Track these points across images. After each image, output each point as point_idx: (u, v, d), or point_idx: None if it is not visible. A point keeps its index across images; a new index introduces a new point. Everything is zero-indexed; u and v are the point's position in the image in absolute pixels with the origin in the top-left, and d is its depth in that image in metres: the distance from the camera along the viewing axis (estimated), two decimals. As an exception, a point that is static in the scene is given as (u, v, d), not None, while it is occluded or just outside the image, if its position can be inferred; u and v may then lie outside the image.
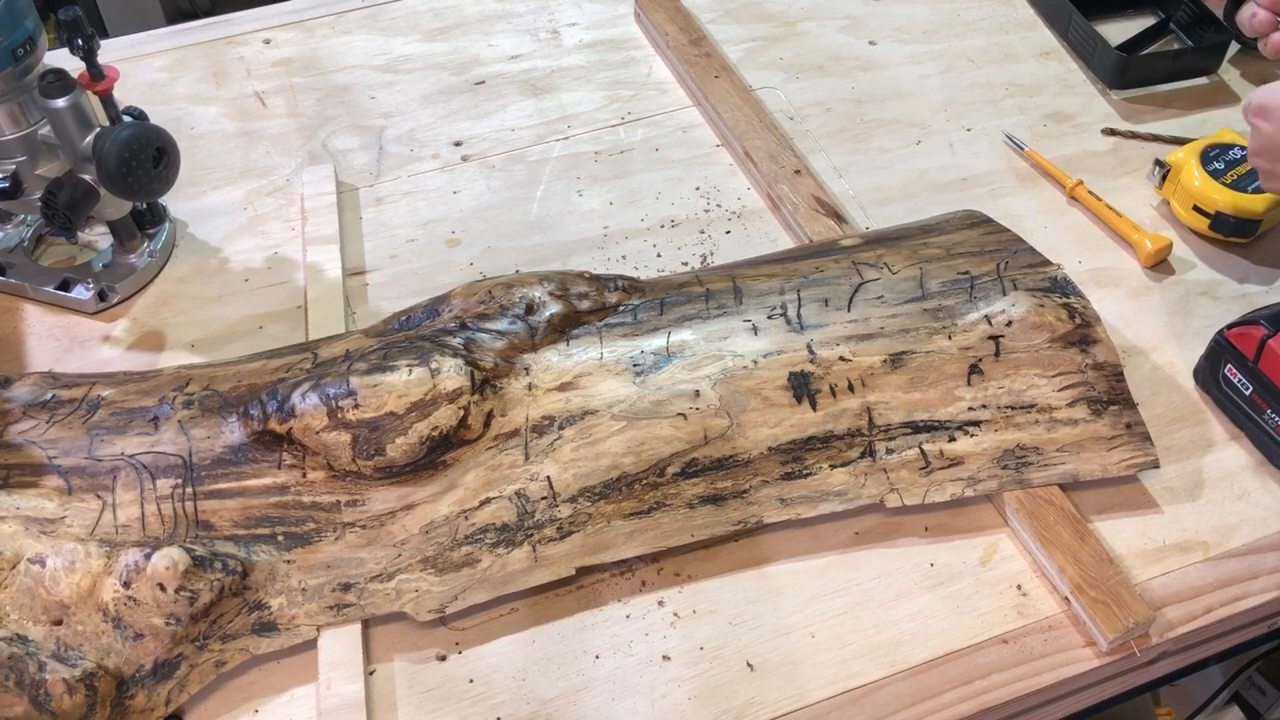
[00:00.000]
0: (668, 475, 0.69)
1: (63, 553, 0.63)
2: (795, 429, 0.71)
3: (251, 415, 0.69)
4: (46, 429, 0.70)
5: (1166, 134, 1.00)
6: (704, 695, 0.65)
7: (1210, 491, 0.74)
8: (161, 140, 0.80)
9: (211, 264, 0.90)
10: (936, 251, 0.81)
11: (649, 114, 1.03)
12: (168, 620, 0.62)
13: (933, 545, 0.71)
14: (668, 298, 0.78)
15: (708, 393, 0.71)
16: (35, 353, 0.83)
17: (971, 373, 0.73)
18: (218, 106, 1.04)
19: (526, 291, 0.76)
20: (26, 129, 0.80)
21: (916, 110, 1.03)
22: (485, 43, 1.11)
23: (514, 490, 0.68)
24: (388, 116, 1.03)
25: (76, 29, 0.76)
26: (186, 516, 0.67)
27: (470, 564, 0.66)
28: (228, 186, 0.97)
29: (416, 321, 0.76)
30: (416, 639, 0.67)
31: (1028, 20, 1.14)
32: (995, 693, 0.65)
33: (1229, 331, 0.76)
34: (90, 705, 0.59)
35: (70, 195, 0.79)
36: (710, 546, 0.71)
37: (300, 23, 1.13)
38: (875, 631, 0.67)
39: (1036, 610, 0.68)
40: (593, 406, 0.71)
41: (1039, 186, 0.97)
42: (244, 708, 0.64)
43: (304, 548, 0.67)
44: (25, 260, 0.88)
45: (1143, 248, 0.89)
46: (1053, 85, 1.06)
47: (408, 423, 0.67)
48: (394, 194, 0.96)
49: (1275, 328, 0.73)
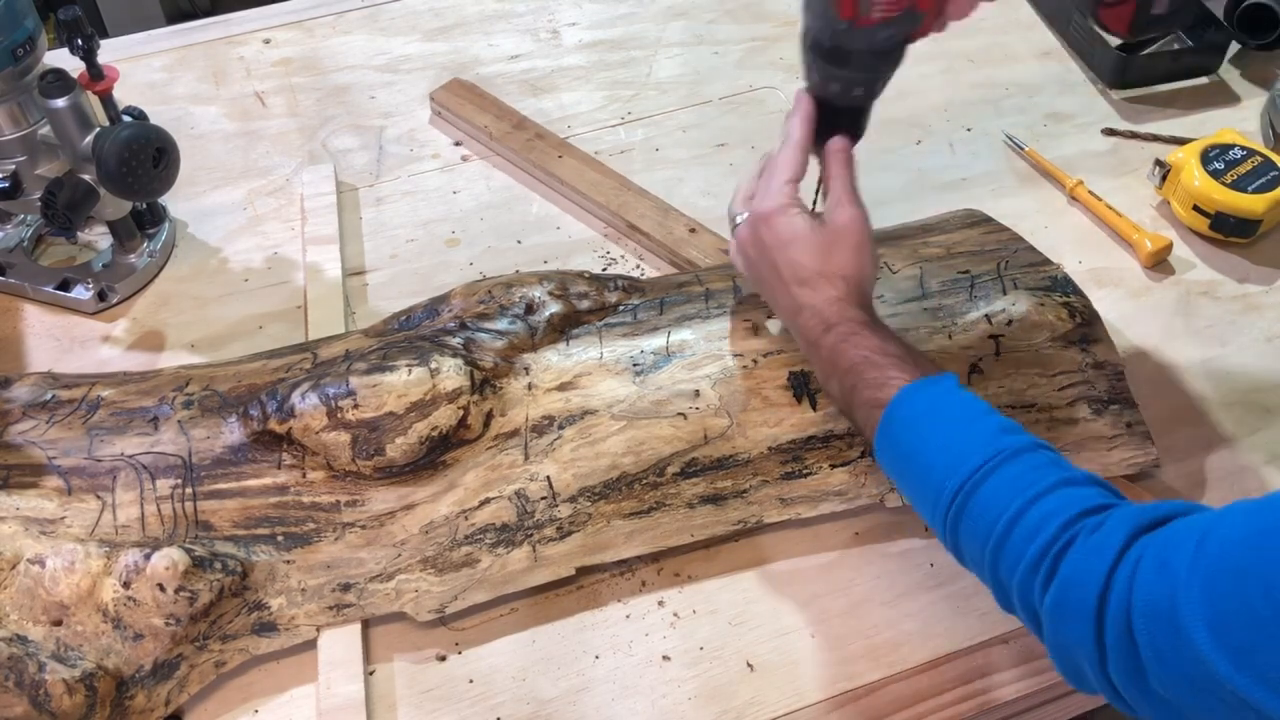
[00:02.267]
0: (668, 475, 0.69)
1: (62, 553, 0.63)
2: (795, 428, 0.71)
3: (251, 415, 0.69)
4: (46, 429, 0.70)
5: (1166, 134, 1.00)
6: (704, 695, 0.65)
7: (1210, 491, 0.74)
8: (161, 140, 0.80)
9: (211, 264, 0.90)
10: (937, 251, 0.80)
11: (649, 114, 1.03)
12: (167, 620, 0.62)
13: (933, 545, 0.71)
14: (668, 297, 0.78)
15: (708, 392, 0.71)
16: (35, 353, 0.83)
17: (972, 372, 0.73)
18: (218, 106, 1.04)
19: (526, 291, 0.76)
20: (26, 129, 0.80)
21: (916, 110, 1.03)
22: (485, 43, 1.11)
23: (514, 490, 0.68)
24: (388, 116, 1.03)
25: (76, 29, 0.76)
26: (186, 517, 0.67)
27: (470, 564, 0.66)
28: (228, 186, 0.97)
29: (416, 321, 0.76)
30: (416, 639, 0.67)
31: (1028, 20, 1.14)
32: (995, 693, 0.65)
33: None
34: (90, 705, 0.59)
35: (70, 195, 0.79)
36: (710, 546, 0.71)
37: (300, 23, 1.13)
38: (875, 631, 0.67)
39: (1037, 610, 0.68)
40: (592, 406, 0.71)
41: (1039, 186, 0.97)
42: (244, 708, 0.64)
43: (304, 548, 0.67)
44: (25, 260, 0.88)
45: (1143, 248, 0.89)
46: (1053, 85, 1.06)
47: (407, 423, 0.67)
48: (394, 194, 0.96)
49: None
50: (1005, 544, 0.54)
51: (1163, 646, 0.46)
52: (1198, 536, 0.47)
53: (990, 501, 0.55)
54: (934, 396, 0.60)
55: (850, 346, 0.63)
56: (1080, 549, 0.51)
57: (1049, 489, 0.54)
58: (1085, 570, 0.50)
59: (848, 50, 0.66)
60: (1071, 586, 0.51)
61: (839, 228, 0.67)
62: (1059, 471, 0.55)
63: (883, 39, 0.65)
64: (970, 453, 0.57)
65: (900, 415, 0.60)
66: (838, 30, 0.64)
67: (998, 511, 0.54)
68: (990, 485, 0.55)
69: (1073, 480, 0.55)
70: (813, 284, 0.66)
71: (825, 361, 0.65)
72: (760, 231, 0.68)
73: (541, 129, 0.99)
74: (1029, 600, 0.53)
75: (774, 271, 0.68)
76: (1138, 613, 0.48)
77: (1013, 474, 0.55)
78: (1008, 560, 0.54)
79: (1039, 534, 0.53)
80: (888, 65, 0.67)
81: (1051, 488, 0.54)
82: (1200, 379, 0.81)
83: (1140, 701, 0.49)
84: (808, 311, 0.66)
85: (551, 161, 0.95)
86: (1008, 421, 0.58)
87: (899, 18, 0.64)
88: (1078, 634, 0.51)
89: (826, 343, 0.64)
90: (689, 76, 1.07)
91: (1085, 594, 0.50)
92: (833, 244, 0.67)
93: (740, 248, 0.71)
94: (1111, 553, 0.50)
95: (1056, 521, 0.52)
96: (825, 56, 0.67)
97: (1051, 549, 0.52)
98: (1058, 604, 0.51)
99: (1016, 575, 0.53)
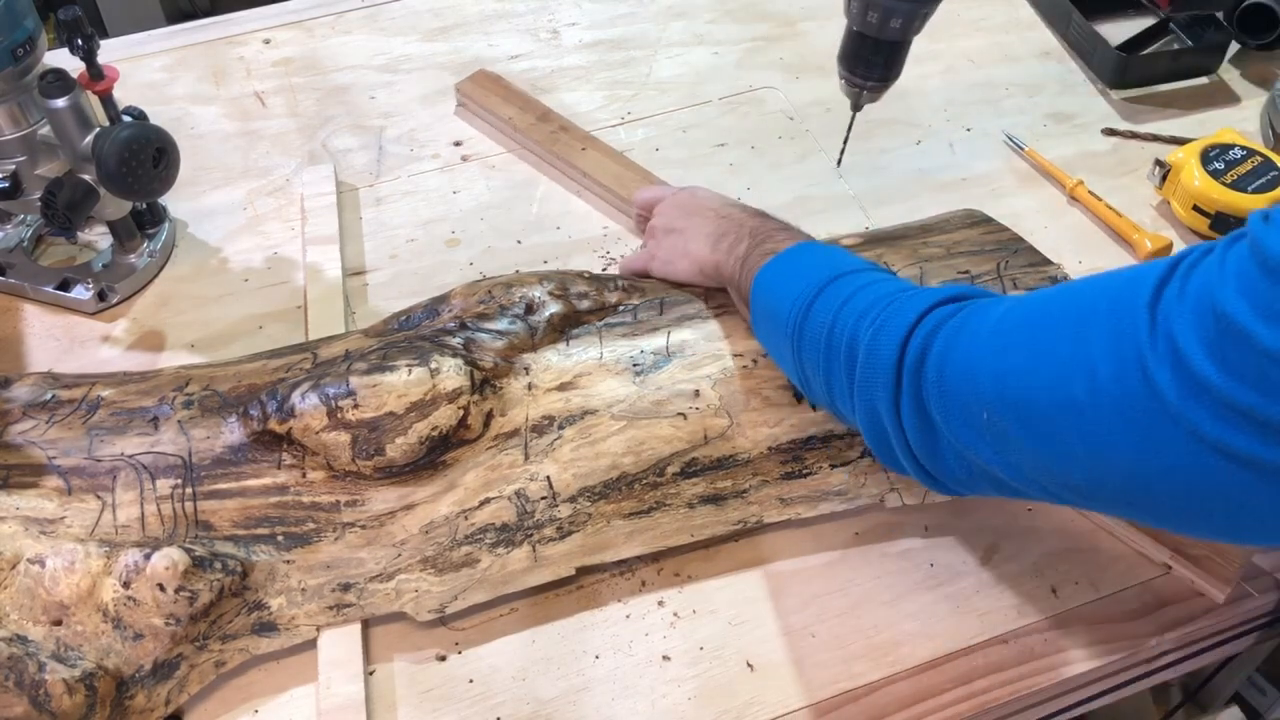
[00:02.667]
0: (668, 475, 0.69)
1: (62, 553, 0.63)
2: (795, 428, 0.71)
3: (251, 415, 0.69)
4: (46, 429, 0.70)
5: (1166, 134, 1.00)
6: (704, 695, 0.65)
7: (1210, 491, 0.74)
8: (161, 140, 0.80)
9: (211, 264, 0.90)
10: (937, 251, 0.80)
11: (649, 114, 1.03)
12: (167, 620, 0.62)
13: (933, 545, 0.71)
14: (668, 297, 0.78)
15: (708, 392, 0.71)
16: (35, 353, 0.83)
17: (971, 372, 0.73)
18: (218, 106, 1.04)
19: (526, 291, 0.76)
20: (26, 129, 0.80)
21: (916, 110, 1.03)
22: (485, 43, 1.11)
23: (514, 490, 0.68)
24: (388, 116, 1.03)
25: (76, 29, 0.76)
26: (186, 516, 0.67)
27: (470, 564, 0.66)
28: (228, 186, 0.97)
29: (416, 321, 0.76)
30: (416, 639, 0.67)
31: (1028, 20, 1.14)
32: (995, 693, 0.65)
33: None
34: (90, 705, 0.59)
35: (70, 195, 0.79)
36: (710, 546, 0.71)
37: (300, 23, 1.13)
38: (875, 631, 0.67)
39: (1036, 610, 0.68)
40: (592, 406, 0.71)
41: (1039, 186, 0.97)
42: (244, 708, 0.64)
43: (304, 548, 0.67)
44: (25, 260, 0.88)
45: (1143, 248, 0.89)
46: (1053, 85, 1.06)
47: (407, 423, 0.67)
48: (394, 194, 0.96)
49: None
50: (834, 326, 0.59)
51: (951, 396, 0.51)
52: (1001, 309, 0.51)
53: (821, 310, 0.60)
54: (805, 249, 0.66)
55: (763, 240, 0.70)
56: (884, 320, 0.56)
57: (880, 282, 0.59)
58: (887, 336, 0.55)
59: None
60: (874, 351, 0.55)
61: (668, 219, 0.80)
62: (888, 282, 0.60)
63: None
64: (813, 278, 0.62)
65: (783, 261, 0.66)
66: None
67: (824, 316, 0.59)
68: (822, 298, 0.60)
69: (901, 286, 0.59)
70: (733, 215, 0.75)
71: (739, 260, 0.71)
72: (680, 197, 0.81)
73: (566, 121, 0.99)
74: (846, 384, 0.58)
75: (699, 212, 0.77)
76: (930, 366, 0.52)
77: (862, 281, 0.60)
78: (835, 341, 0.58)
79: (862, 312, 0.57)
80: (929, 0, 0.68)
81: (869, 285, 0.59)
82: (1200, 379, 0.81)
83: (934, 463, 0.54)
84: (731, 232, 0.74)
85: (575, 154, 0.96)
86: (864, 261, 0.63)
87: None
88: (880, 399, 0.55)
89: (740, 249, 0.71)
90: (689, 76, 1.07)
91: (885, 355, 0.54)
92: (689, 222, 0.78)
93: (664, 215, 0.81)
94: (912, 316, 0.54)
95: (872, 311, 0.57)
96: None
97: (861, 328, 0.57)
98: (863, 370, 0.56)
99: (840, 365, 0.58)
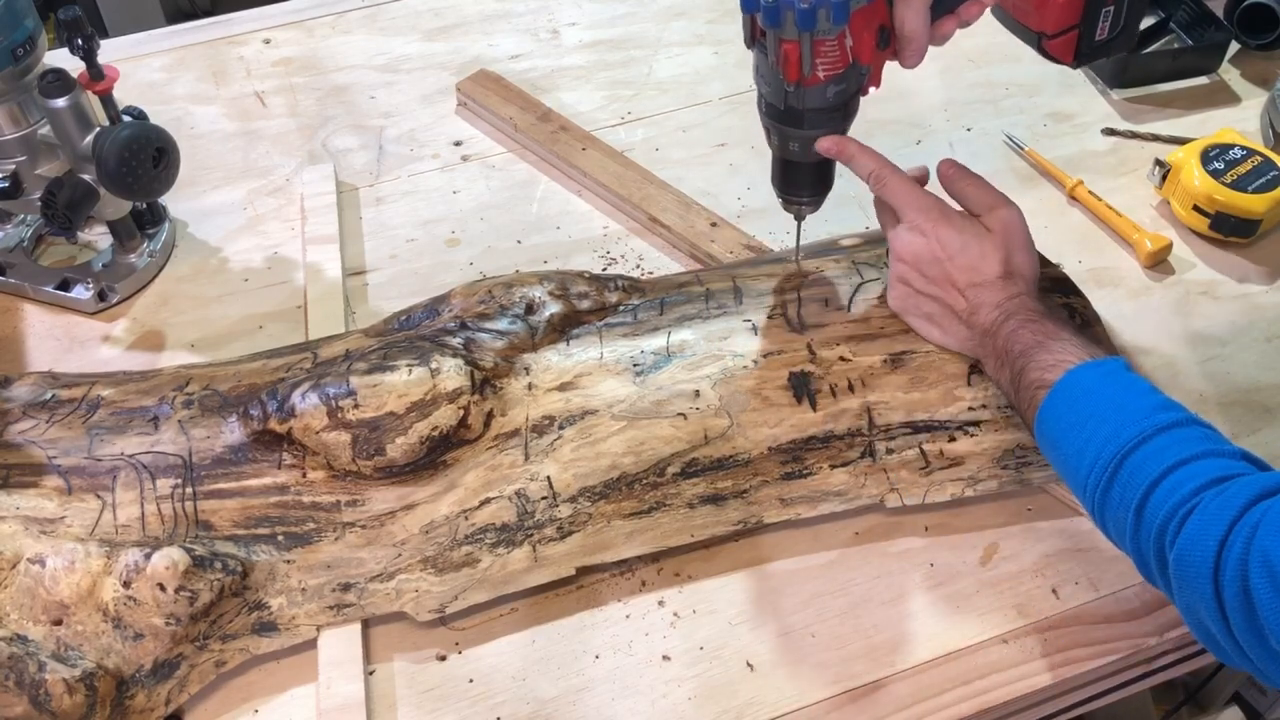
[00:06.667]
0: (668, 475, 0.69)
1: (63, 553, 0.63)
2: (795, 429, 0.71)
3: (251, 415, 0.69)
4: (46, 429, 0.70)
5: (1166, 134, 1.00)
6: (704, 695, 0.65)
7: (1210, 491, 0.74)
8: (161, 140, 0.80)
9: (211, 264, 0.90)
10: (936, 251, 0.80)
11: (649, 114, 1.03)
12: (168, 620, 0.62)
13: (933, 545, 0.71)
14: (668, 297, 0.78)
15: (708, 393, 0.71)
16: (35, 353, 0.83)
17: (972, 373, 0.73)
18: (218, 106, 1.04)
19: (526, 291, 0.76)
20: (26, 129, 0.80)
21: (916, 110, 1.03)
22: (485, 43, 1.11)
23: (514, 490, 0.68)
24: (388, 116, 1.03)
25: (76, 29, 0.76)
26: (186, 516, 0.67)
27: (470, 564, 0.66)
28: (228, 186, 0.97)
29: (416, 321, 0.76)
30: (416, 639, 0.67)
31: (1028, 20, 1.14)
32: (995, 693, 0.65)
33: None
34: (90, 705, 0.59)
35: (70, 195, 0.79)
36: (710, 546, 0.71)
37: (300, 23, 1.13)
38: (875, 631, 0.67)
39: (1036, 610, 0.68)
40: (593, 406, 0.71)
41: (1039, 186, 0.97)
42: (244, 708, 0.64)
43: (304, 548, 0.67)
44: (25, 260, 0.88)
45: (1143, 248, 0.89)
46: (1053, 85, 1.06)
47: (408, 422, 0.67)
48: (394, 194, 0.96)
49: None
50: (1143, 510, 0.56)
51: (1276, 604, 0.48)
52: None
53: (1136, 470, 0.57)
54: (1100, 375, 0.62)
55: (1028, 332, 0.66)
56: (1202, 511, 0.53)
57: (1191, 458, 0.56)
58: (1205, 531, 0.52)
59: (800, 110, 0.69)
60: (1192, 545, 0.53)
61: (1005, 228, 0.71)
62: (1207, 444, 0.57)
63: (832, 96, 0.68)
64: (1126, 426, 0.59)
65: (1064, 393, 0.62)
66: (788, 93, 0.68)
67: (1140, 479, 0.56)
68: (1138, 455, 0.57)
69: (1219, 452, 0.56)
70: (991, 285, 0.70)
71: (999, 350, 0.68)
72: (928, 242, 0.71)
73: (566, 121, 0.99)
74: (1162, 563, 0.55)
75: (946, 278, 0.71)
76: (1254, 570, 0.49)
77: (1161, 444, 0.57)
78: (1144, 526, 0.56)
79: (1170, 498, 0.54)
80: (841, 120, 0.71)
81: (1194, 457, 0.56)
82: (1200, 379, 0.81)
83: (1266, 661, 0.51)
84: (986, 307, 0.69)
85: (575, 154, 0.96)
86: (1169, 400, 0.60)
87: (844, 74, 0.67)
88: (1199, 593, 0.52)
89: (1004, 330, 0.67)
90: (689, 76, 1.07)
91: (1204, 553, 0.52)
92: (1006, 246, 0.70)
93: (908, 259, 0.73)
94: (1231, 513, 0.52)
95: (1188, 487, 0.54)
96: (780, 119, 0.70)
97: (1179, 512, 0.54)
98: (1179, 563, 0.53)
99: (1151, 540, 0.55)
